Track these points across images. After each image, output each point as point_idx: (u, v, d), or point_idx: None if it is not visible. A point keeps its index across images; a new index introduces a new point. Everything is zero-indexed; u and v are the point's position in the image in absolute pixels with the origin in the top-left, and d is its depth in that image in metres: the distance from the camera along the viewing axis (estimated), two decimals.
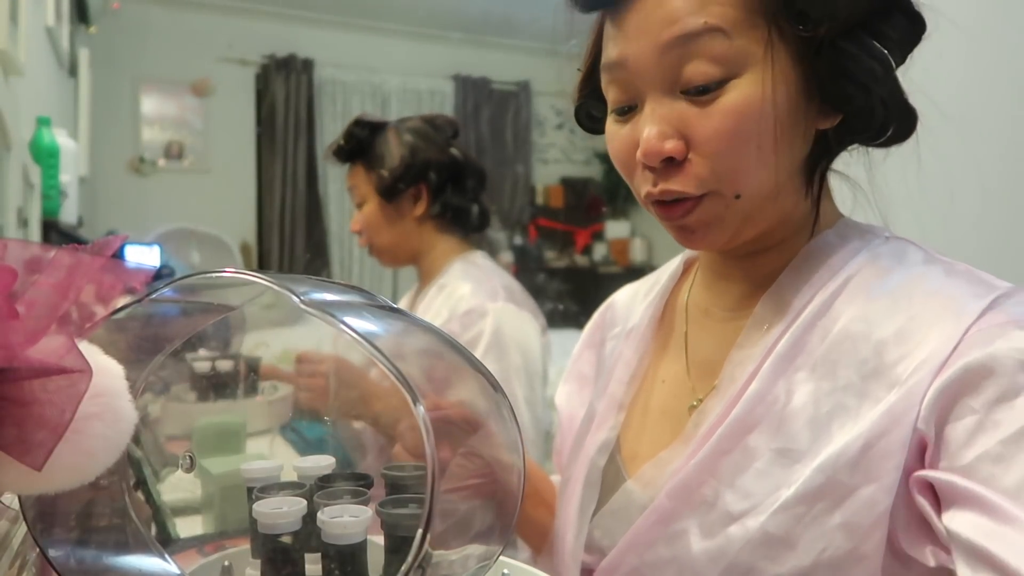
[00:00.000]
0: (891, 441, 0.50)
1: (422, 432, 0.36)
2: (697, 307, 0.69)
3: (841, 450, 0.51)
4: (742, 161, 0.54)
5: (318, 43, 4.53)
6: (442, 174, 1.38)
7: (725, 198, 0.56)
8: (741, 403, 0.56)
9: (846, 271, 0.58)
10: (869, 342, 0.54)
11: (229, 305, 0.55)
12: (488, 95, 5.00)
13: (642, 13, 0.55)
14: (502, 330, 1.28)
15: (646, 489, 0.61)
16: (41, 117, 1.96)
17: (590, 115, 0.68)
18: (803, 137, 0.57)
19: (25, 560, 0.60)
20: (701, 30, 0.52)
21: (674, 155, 0.55)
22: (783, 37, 0.54)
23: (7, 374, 0.30)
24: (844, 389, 0.53)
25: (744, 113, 0.53)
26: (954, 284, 0.54)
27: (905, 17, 0.55)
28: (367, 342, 0.37)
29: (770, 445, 0.55)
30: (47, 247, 0.33)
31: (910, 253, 0.59)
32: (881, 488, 0.50)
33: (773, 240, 0.61)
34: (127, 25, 4.01)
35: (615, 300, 0.82)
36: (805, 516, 0.52)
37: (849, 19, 0.53)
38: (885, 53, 0.54)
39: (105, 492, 0.52)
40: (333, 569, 0.47)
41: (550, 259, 5.23)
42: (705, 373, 0.64)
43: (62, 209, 2.13)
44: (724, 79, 0.53)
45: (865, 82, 0.53)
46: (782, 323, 0.58)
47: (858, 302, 0.56)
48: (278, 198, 4.45)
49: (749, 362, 0.58)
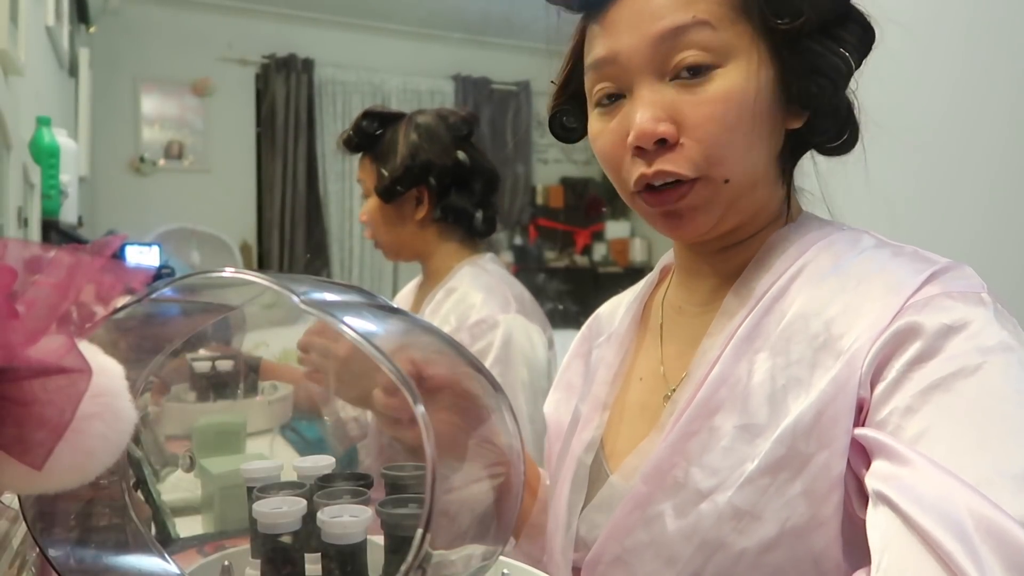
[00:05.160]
0: (839, 407, 0.52)
1: (422, 432, 0.36)
2: (671, 305, 0.72)
3: (796, 420, 0.54)
4: (731, 146, 0.58)
5: (318, 43, 4.53)
6: (444, 178, 1.34)
7: (715, 182, 0.59)
8: (705, 386, 0.59)
9: (803, 258, 0.61)
10: (820, 319, 0.56)
11: (229, 305, 0.55)
12: (488, 95, 5.00)
13: (632, 9, 0.58)
14: (511, 343, 1.26)
15: (627, 480, 0.63)
16: (41, 117, 1.96)
17: (563, 125, 0.71)
18: (777, 132, 0.61)
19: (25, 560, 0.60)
20: (690, 23, 0.56)
21: (667, 137, 0.57)
22: (762, 33, 0.58)
23: (7, 374, 0.30)
24: (797, 363, 0.56)
25: (731, 100, 0.57)
26: (898, 263, 0.57)
27: (858, 26, 0.60)
28: (367, 341, 0.37)
29: (734, 423, 0.57)
30: (47, 247, 0.33)
31: (863, 240, 0.62)
32: (834, 453, 0.52)
33: (746, 233, 0.64)
34: (127, 25, 4.01)
35: (600, 312, 0.85)
36: (769, 488, 0.54)
37: (818, 17, 0.57)
38: (846, 55, 0.59)
39: (105, 492, 0.52)
40: (333, 569, 0.47)
41: (550, 259, 5.23)
42: (678, 366, 0.66)
43: (62, 209, 2.13)
44: (712, 65, 0.57)
45: (833, 79, 0.58)
46: (744, 309, 0.61)
47: (811, 285, 0.59)
48: (278, 198, 4.44)
49: (715, 349, 0.61)
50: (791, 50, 0.58)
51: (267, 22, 4.42)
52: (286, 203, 4.46)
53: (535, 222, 5.20)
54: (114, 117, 4.03)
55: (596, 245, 5.36)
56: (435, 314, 1.35)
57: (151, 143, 4.23)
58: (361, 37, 4.67)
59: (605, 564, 0.62)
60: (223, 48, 4.33)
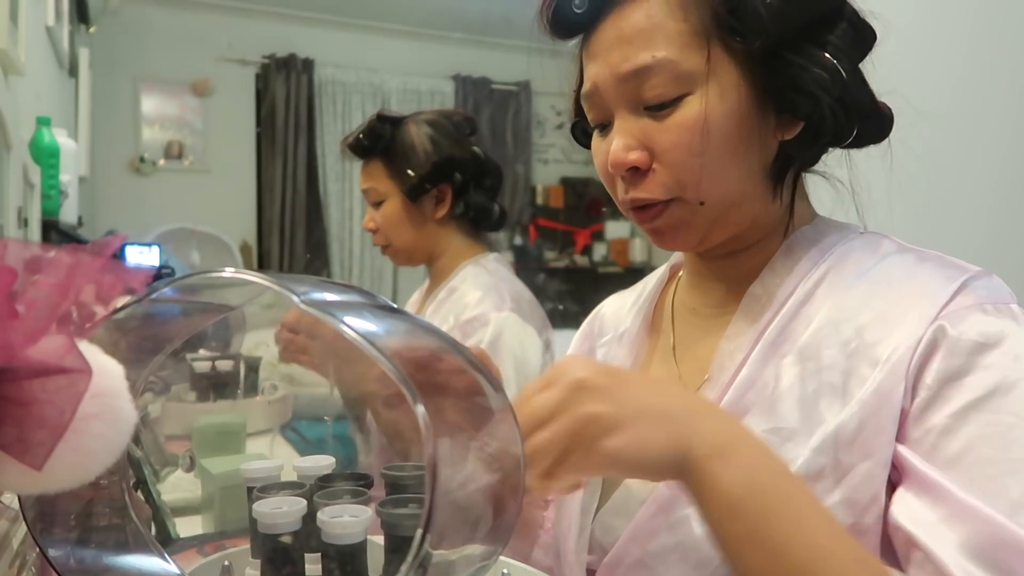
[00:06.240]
0: (882, 418, 0.52)
1: (422, 432, 0.36)
2: (684, 307, 0.72)
3: (838, 429, 0.54)
4: (700, 170, 0.58)
5: (318, 43, 4.52)
6: (466, 173, 1.34)
7: (690, 204, 0.60)
8: (732, 389, 0.59)
9: (826, 263, 0.61)
10: (851, 324, 0.57)
11: (229, 305, 0.55)
12: (488, 95, 4.99)
13: (603, 45, 0.61)
14: (500, 339, 1.26)
15: (644, 483, 0.62)
16: (41, 117, 1.96)
17: (584, 131, 0.72)
18: (763, 147, 0.60)
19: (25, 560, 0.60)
20: (651, 64, 0.58)
21: (638, 165, 0.60)
22: (731, 54, 0.58)
23: (7, 374, 0.30)
24: (829, 368, 0.56)
25: (697, 126, 0.57)
26: (927, 269, 0.58)
27: (851, 26, 0.59)
28: (367, 341, 0.37)
29: (763, 427, 0.57)
30: (47, 247, 0.33)
31: (883, 244, 0.62)
32: (877, 463, 0.52)
33: (747, 242, 0.65)
34: (127, 25, 4.01)
35: (602, 310, 0.84)
36: None
37: (785, 32, 0.56)
38: (833, 62, 0.57)
39: (105, 492, 0.52)
40: (333, 569, 0.47)
41: (550, 259, 5.23)
42: (695, 368, 0.66)
43: (62, 209, 2.13)
44: (679, 96, 0.58)
45: (811, 91, 0.57)
46: (768, 313, 0.61)
47: (838, 290, 0.59)
48: (278, 198, 4.44)
49: (738, 352, 0.61)
50: (767, 65, 0.58)
51: (267, 22, 4.42)
52: (286, 203, 4.45)
53: (535, 222, 5.19)
54: (114, 117, 4.03)
55: (596, 245, 5.35)
56: (436, 313, 1.35)
57: (151, 143, 4.23)
58: (361, 37, 4.67)
59: (625, 567, 0.61)
60: (223, 48, 4.33)
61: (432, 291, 1.42)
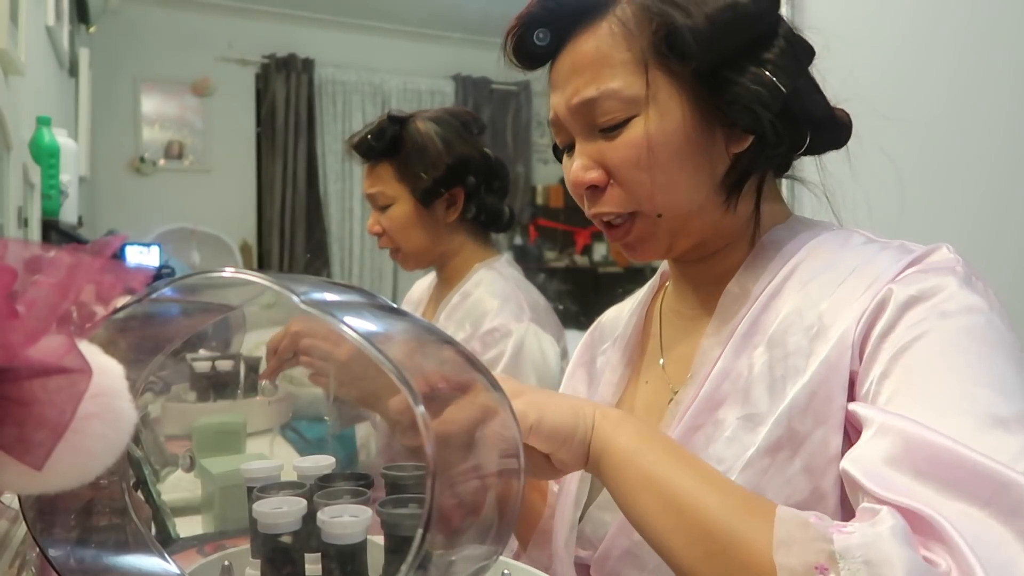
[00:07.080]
0: (832, 385, 0.56)
1: (422, 432, 0.36)
2: (670, 310, 0.75)
3: (792, 401, 0.57)
4: (652, 184, 0.63)
5: (318, 43, 4.52)
6: (479, 175, 1.31)
7: (649, 217, 0.65)
8: (708, 381, 0.62)
9: (796, 257, 0.64)
10: (814, 310, 0.60)
11: (229, 305, 0.55)
12: (488, 95, 4.99)
13: (561, 75, 0.66)
14: (522, 353, 1.24)
15: None
16: (41, 117, 1.96)
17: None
18: (712, 159, 0.64)
19: (25, 560, 0.60)
20: (596, 96, 0.63)
21: (596, 183, 0.65)
22: (672, 77, 0.62)
23: (7, 374, 0.30)
24: (795, 353, 0.59)
25: (643, 144, 0.62)
26: (885, 255, 0.60)
27: (787, 43, 0.62)
28: (367, 342, 0.37)
29: (737, 414, 0.60)
30: (47, 247, 0.33)
31: (853, 238, 0.65)
32: (830, 429, 0.55)
33: (714, 247, 0.68)
34: (127, 25, 4.01)
35: (602, 320, 0.87)
36: (770, 468, 0.57)
37: (716, 56, 0.60)
38: (772, 79, 0.60)
39: (105, 492, 0.52)
40: (333, 569, 0.47)
41: (550, 259, 5.23)
42: (680, 367, 0.69)
43: (62, 209, 2.13)
44: (627, 119, 0.62)
45: (750, 106, 0.60)
46: (743, 309, 0.64)
47: (805, 282, 0.62)
48: (278, 198, 4.44)
49: (716, 348, 0.64)
50: (707, 85, 0.62)
51: (267, 22, 4.42)
52: (286, 203, 4.45)
53: (535, 222, 5.19)
54: (114, 117, 4.02)
55: (596, 245, 5.35)
56: (450, 318, 1.32)
57: (151, 143, 4.23)
58: (361, 37, 4.67)
59: (615, 559, 0.63)
60: (223, 48, 4.33)
61: (444, 295, 1.38)
